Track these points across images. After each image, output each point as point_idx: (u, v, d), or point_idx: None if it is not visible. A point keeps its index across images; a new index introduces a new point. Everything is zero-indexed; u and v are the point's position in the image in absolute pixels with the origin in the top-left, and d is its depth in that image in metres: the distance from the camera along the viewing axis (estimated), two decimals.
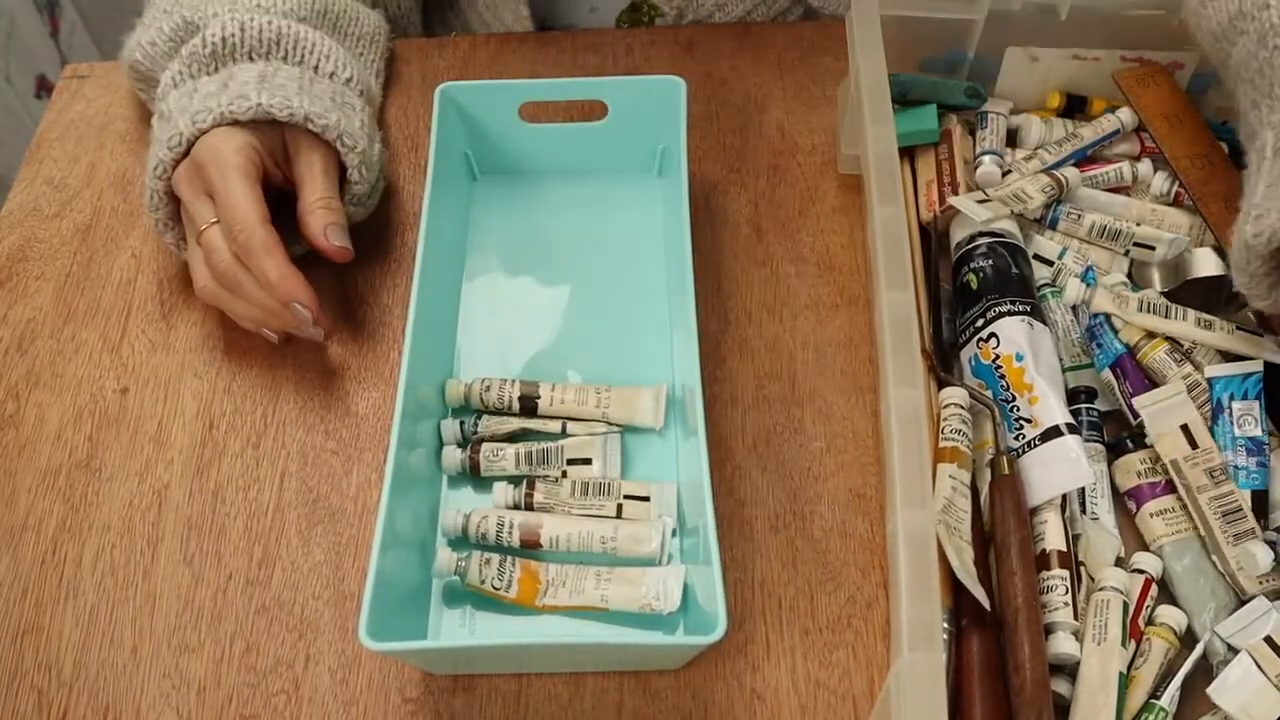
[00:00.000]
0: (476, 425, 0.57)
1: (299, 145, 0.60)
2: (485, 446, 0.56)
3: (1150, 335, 0.56)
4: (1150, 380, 0.55)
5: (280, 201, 0.61)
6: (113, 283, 0.66)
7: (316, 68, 0.63)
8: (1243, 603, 0.50)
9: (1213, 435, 0.53)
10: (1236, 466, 0.52)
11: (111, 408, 0.60)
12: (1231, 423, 0.52)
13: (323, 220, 0.58)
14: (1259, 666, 0.46)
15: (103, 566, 0.55)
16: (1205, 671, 0.48)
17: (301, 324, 0.57)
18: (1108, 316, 0.56)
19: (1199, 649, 0.48)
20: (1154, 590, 0.50)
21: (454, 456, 0.56)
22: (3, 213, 0.69)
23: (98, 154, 0.72)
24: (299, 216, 0.59)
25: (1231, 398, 0.53)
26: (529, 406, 0.57)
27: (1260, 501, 0.52)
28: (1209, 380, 0.54)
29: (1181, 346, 0.56)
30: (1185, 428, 0.52)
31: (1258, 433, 0.52)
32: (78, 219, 0.69)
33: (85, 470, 0.58)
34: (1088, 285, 0.58)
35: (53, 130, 0.74)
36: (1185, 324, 0.55)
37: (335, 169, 0.61)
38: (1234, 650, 0.48)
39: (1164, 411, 0.53)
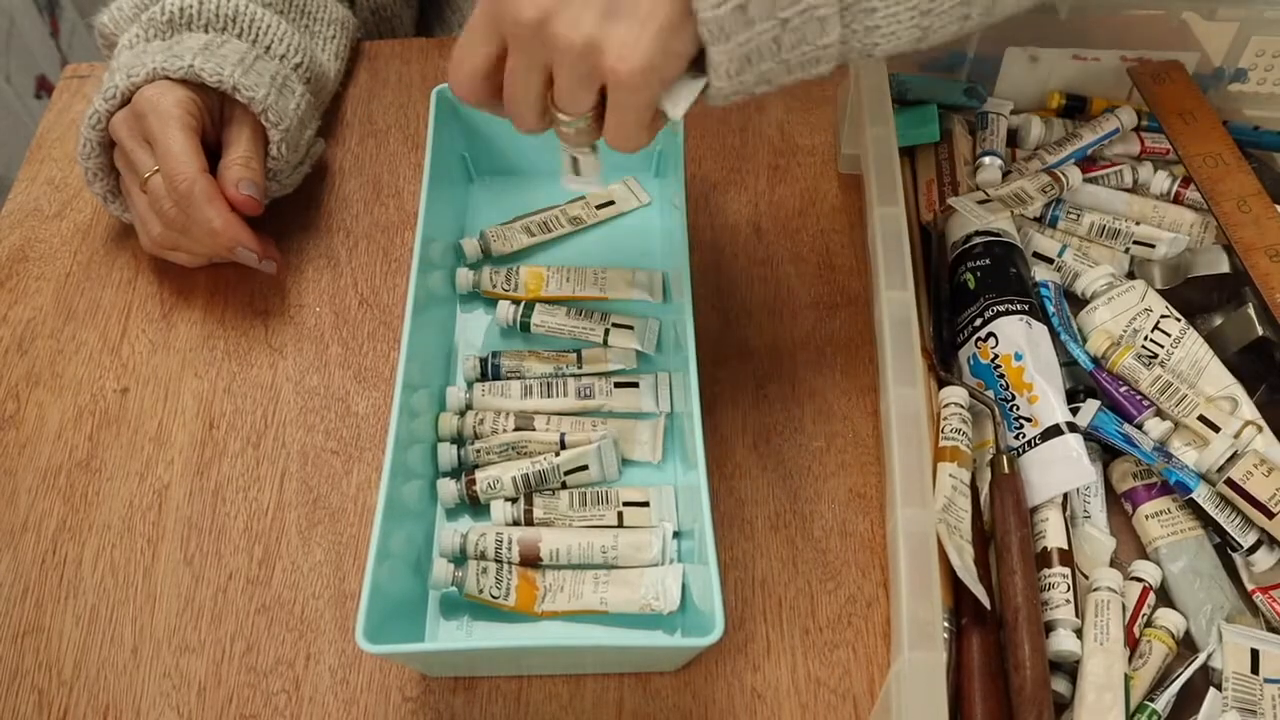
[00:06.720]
0: (475, 440, 0.56)
1: (232, 113, 0.63)
2: (481, 477, 0.55)
3: (1116, 344, 0.55)
4: (1127, 384, 0.55)
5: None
6: (113, 283, 0.66)
7: (269, 48, 0.66)
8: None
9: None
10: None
11: (111, 408, 0.60)
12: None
13: (236, 174, 0.61)
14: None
15: (103, 566, 0.55)
16: (1202, 675, 0.48)
17: (248, 264, 0.62)
18: (1074, 332, 0.57)
19: (1201, 658, 0.48)
20: (1151, 598, 0.50)
21: (450, 489, 0.55)
22: (3, 213, 0.69)
23: None
24: (218, 171, 0.61)
25: None
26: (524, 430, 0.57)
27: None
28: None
29: (1149, 351, 0.56)
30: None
31: None
32: (78, 219, 0.69)
33: (85, 470, 0.58)
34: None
35: (53, 130, 0.74)
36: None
37: (262, 142, 0.63)
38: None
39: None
